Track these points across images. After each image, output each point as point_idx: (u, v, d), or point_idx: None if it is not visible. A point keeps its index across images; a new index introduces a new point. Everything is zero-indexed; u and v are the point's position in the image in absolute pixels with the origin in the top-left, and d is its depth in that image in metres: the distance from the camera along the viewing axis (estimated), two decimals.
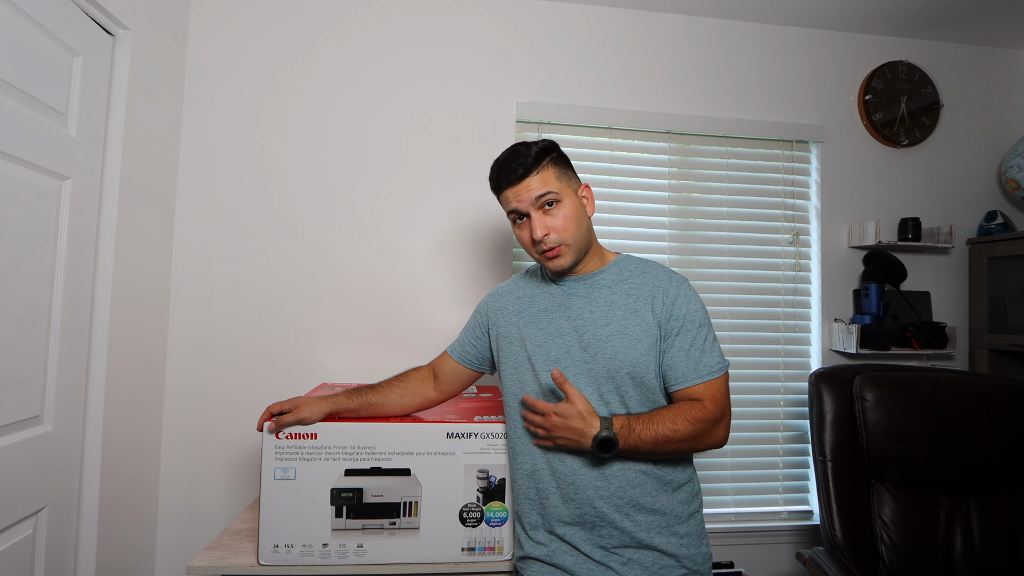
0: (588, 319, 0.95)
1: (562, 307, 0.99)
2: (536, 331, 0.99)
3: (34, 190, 1.04)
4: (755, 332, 1.80)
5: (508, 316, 1.05)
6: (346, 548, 1.04)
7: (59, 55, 1.10)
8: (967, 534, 1.39)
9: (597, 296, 0.97)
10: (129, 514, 1.37)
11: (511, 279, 1.13)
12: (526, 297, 1.05)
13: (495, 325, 1.07)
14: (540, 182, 0.93)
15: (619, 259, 1.03)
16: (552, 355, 0.96)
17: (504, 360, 1.03)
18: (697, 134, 1.79)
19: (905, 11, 1.77)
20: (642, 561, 0.90)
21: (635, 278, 0.98)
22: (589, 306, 0.97)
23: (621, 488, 0.90)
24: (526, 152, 0.94)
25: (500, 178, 0.96)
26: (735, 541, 1.73)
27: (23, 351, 1.02)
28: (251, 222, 1.58)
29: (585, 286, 0.99)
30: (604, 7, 1.76)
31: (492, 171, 0.99)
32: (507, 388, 1.02)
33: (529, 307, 1.03)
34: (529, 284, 1.07)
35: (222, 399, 1.53)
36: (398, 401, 1.11)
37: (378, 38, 1.65)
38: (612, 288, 0.98)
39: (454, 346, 1.14)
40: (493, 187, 0.99)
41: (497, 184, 0.98)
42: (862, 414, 1.45)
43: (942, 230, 1.80)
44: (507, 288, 1.10)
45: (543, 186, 0.93)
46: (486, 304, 1.11)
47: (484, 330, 1.09)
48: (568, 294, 1.00)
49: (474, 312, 1.14)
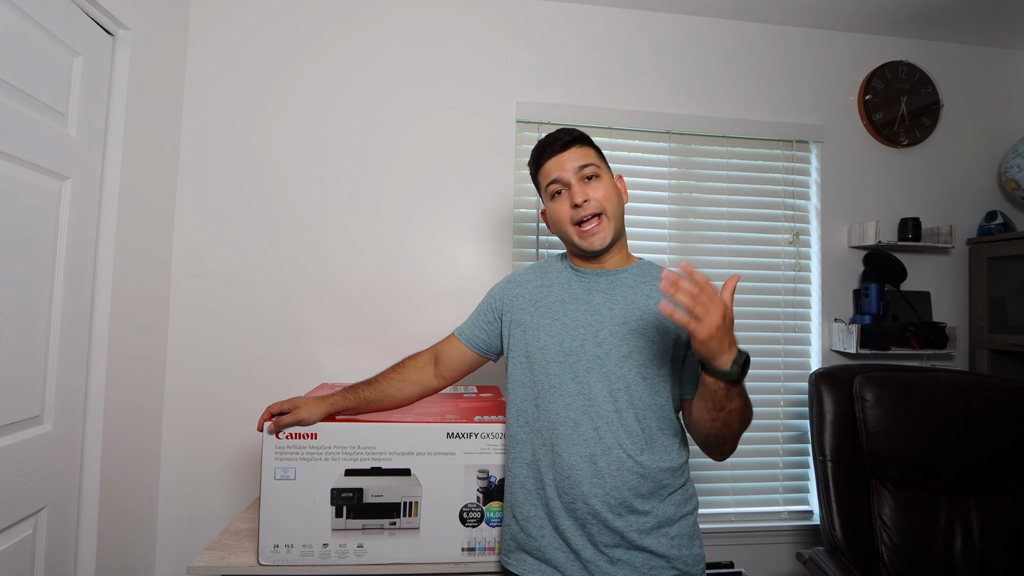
0: (607, 315, 0.95)
1: (580, 300, 0.98)
2: (552, 321, 0.98)
3: (34, 190, 1.04)
4: (755, 332, 1.80)
5: (524, 304, 1.03)
6: (346, 548, 1.04)
7: (59, 55, 1.10)
8: (967, 534, 1.39)
9: (617, 294, 0.97)
10: (129, 514, 1.37)
11: (528, 267, 1.11)
12: (544, 287, 1.03)
13: (509, 312, 1.05)
14: (583, 154, 0.97)
15: (642, 262, 1.03)
16: (566, 347, 0.95)
17: (515, 348, 1.02)
18: (697, 134, 1.79)
19: (905, 11, 1.77)
20: (632, 562, 0.89)
21: (656, 282, 0.97)
22: (609, 302, 0.96)
23: (616, 488, 0.89)
24: (569, 130, 1.00)
25: (543, 150, 0.99)
26: (735, 541, 1.73)
27: (23, 351, 1.02)
28: (251, 221, 1.58)
29: (607, 281, 0.98)
30: (604, 7, 1.76)
31: (533, 151, 1.02)
32: (513, 376, 1.01)
33: (547, 297, 1.01)
34: (548, 274, 1.05)
35: (222, 399, 1.53)
36: (396, 394, 1.10)
37: (378, 38, 1.65)
38: (633, 288, 0.97)
39: (462, 329, 1.12)
40: (533, 163, 1.02)
41: (538, 157, 1.00)
42: (862, 414, 1.45)
43: (942, 230, 1.80)
44: (524, 276, 1.09)
45: (585, 158, 0.97)
46: (501, 290, 1.09)
47: (497, 315, 1.08)
48: (588, 288, 0.99)
49: (487, 296, 1.12)
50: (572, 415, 0.92)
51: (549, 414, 0.94)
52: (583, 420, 0.92)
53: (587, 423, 0.91)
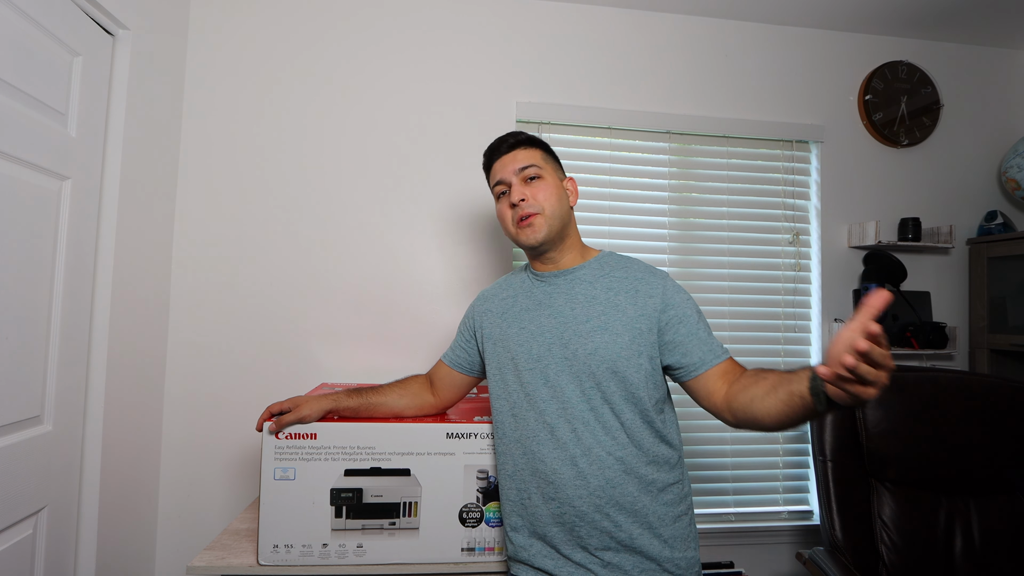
0: (569, 315, 0.95)
1: (543, 305, 0.99)
2: (519, 330, 0.99)
3: (34, 190, 1.04)
4: (755, 332, 1.80)
5: (492, 318, 1.05)
6: (346, 548, 1.04)
7: (59, 55, 1.10)
8: (967, 534, 1.39)
9: (577, 292, 0.97)
10: (129, 514, 1.37)
11: (497, 281, 1.14)
12: (509, 298, 1.05)
13: (480, 328, 1.07)
14: (526, 156, 1.00)
15: (600, 255, 1.03)
16: (534, 353, 0.95)
17: (489, 361, 1.04)
18: (697, 134, 1.79)
19: (905, 11, 1.77)
20: (622, 565, 0.89)
21: (616, 272, 0.98)
22: (570, 303, 0.96)
23: (600, 488, 0.89)
24: (518, 133, 1.04)
25: (492, 153, 1.04)
26: (735, 541, 1.73)
27: (23, 351, 1.02)
28: (251, 221, 1.58)
29: (566, 281, 0.99)
30: (604, 7, 1.76)
31: (484, 154, 1.06)
32: (491, 391, 1.03)
33: (512, 307, 1.03)
34: (513, 285, 1.08)
35: (222, 399, 1.53)
36: (397, 402, 1.11)
37: (378, 39, 1.65)
38: (593, 283, 0.97)
39: (447, 353, 1.15)
40: (485, 165, 1.06)
41: (489, 159, 1.05)
42: (862, 414, 1.45)
43: (942, 230, 1.80)
44: (492, 291, 1.11)
45: (528, 159, 1.00)
46: (473, 309, 1.13)
47: (472, 334, 1.10)
48: (549, 292, 1.00)
49: (463, 318, 1.15)
50: (549, 420, 0.92)
51: (527, 422, 0.94)
52: (560, 424, 0.91)
53: (564, 426, 0.91)
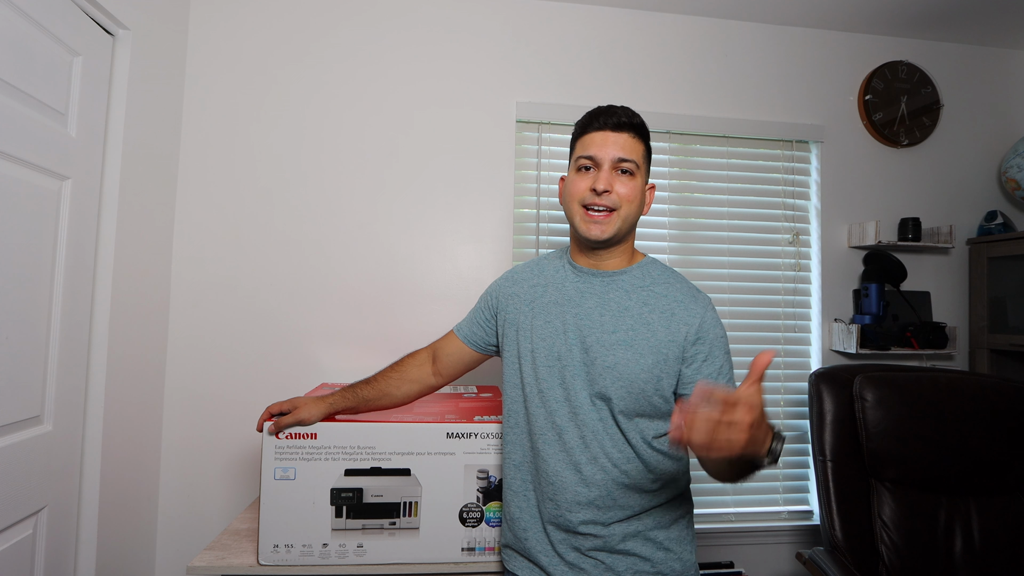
0: (596, 321, 0.91)
1: (573, 303, 0.94)
2: (544, 323, 0.95)
3: (34, 190, 1.04)
4: (755, 332, 1.80)
5: (518, 304, 1.00)
6: (346, 548, 1.04)
7: (59, 55, 1.10)
8: (967, 534, 1.39)
9: (611, 299, 0.92)
10: (129, 514, 1.37)
11: (527, 263, 1.07)
12: (539, 286, 0.99)
13: (504, 310, 1.03)
14: (632, 147, 0.90)
15: (645, 261, 0.97)
16: (555, 351, 0.92)
17: (508, 348, 1.00)
18: (697, 134, 1.79)
19: (905, 11, 1.77)
20: (615, 567, 0.88)
21: (656, 287, 0.93)
22: (600, 307, 0.92)
23: (600, 498, 0.88)
24: (633, 113, 0.91)
25: (597, 116, 0.91)
26: (735, 541, 1.73)
27: (23, 351, 1.02)
28: (251, 221, 1.58)
29: (602, 284, 0.94)
30: (604, 7, 1.76)
31: (587, 114, 0.93)
32: (506, 377, 1.00)
33: (541, 297, 0.98)
34: (546, 272, 1.01)
35: (222, 399, 1.53)
36: (394, 392, 1.10)
37: (378, 38, 1.65)
38: (629, 294, 0.92)
39: (461, 326, 1.11)
40: (580, 125, 0.94)
41: (588, 122, 0.92)
42: (862, 414, 1.45)
43: (942, 230, 1.80)
44: (522, 274, 1.05)
45: (632, 153, 0.90)
46: (498, 288, 1.07)
47: (492, 313, 1.06)
48: (582, 291, 0.95)
49: (485, 293, 1.10)
50: (558, 421, 0.91)
51: (537, 418, 0.93)
52: (569, 427, 0.90)
53: (573, 431, 0.90)
